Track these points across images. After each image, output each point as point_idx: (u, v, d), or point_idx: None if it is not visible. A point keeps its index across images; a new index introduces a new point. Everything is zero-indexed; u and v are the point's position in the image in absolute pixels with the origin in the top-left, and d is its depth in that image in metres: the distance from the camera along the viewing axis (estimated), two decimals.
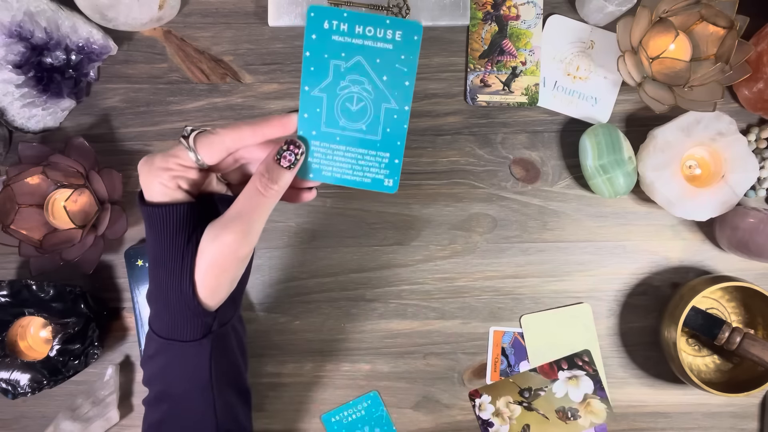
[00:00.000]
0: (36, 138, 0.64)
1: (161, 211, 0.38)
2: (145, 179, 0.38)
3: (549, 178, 0.65)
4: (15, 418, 0.66)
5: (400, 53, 0.38)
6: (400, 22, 0.37)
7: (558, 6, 0.65)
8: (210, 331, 0.41)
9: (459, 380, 0.66)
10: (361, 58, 0.38)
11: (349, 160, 0.41)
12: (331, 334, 0.66)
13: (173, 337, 0.40)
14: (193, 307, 0.39)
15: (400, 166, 0.41)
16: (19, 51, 0.57)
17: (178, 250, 0.38)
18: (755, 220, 0.58)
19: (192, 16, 0.65)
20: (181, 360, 0.41)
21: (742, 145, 0.61)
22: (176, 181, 0.38)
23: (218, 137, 0.38)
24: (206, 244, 0.38)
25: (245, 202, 0.38)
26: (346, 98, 0.39)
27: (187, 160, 0.38)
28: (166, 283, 0.39)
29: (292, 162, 0.39)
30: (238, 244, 0.38)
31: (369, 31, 0.37)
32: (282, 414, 0.66)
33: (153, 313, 0.41)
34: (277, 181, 0.38)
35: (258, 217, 0.38)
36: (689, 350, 0.65)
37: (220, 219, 0.39)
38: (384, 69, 0.38)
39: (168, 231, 0.38)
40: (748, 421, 0.66)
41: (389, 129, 0.40)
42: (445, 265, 0.66)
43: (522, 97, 0.65)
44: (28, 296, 0.59)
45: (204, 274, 0.38)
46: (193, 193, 0.40)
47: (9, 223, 0.59)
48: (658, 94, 0.59)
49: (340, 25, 0.37)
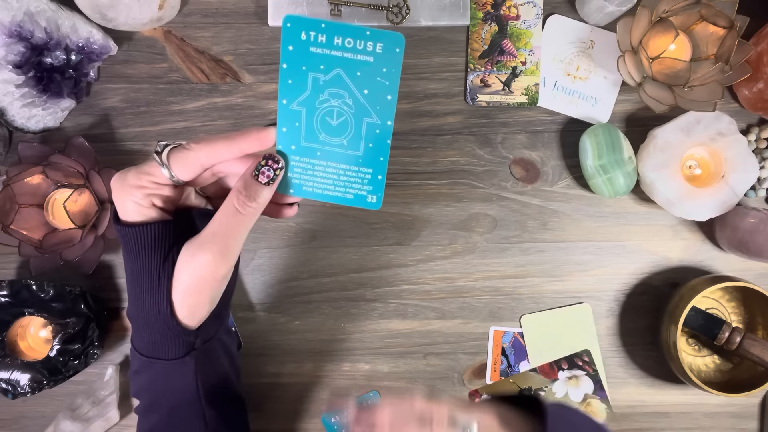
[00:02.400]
0: (36, 138, 0.64)
1: (135, 231, 0.36)
2: (119, 198, 0.37)
3: (549, 178, 0.65)
4: (15, 418, 0.66)
5: (381, 66, 0.36)
6: (380, 34, 0.36)
7: (558, 6, 0.65)
8: (193, 348, 0.40)
9: (459, 380, 0.66)
10: (340, 71, 0.37)
11: (331, 175, 0.39)
12: (331, 334, 0.66)
13: (155, 356, 0.39)
14: (173, 327, 0.37)
15: (384, 182, 0.39)
16: (19, 51, 0.57)
17: (154, 270, 0.37)
18: (755, 220, 0.58)
19: (192, 16, 0.65)
20: (165, 377, 0.40)
21: (742, 145, 0.61)
22: (150, 198, 0.36)
23: (192, 153, 0.36)
24: (183, 264, 0.37)
25: (222, 221, 0.37)
26: (326, 112, 0.38)
27: (161, 176, 0.36)
28: (144, 303, 0.37)
29: (270, 178, 0.37)
30: (215, 264, 0.36)
31: (348, 42, 0.36)
32: (282, 414, 0.66)
33: (134, 331, 0.40)
34: (255, 198, 0.37)
35: (236, 236, 0.37)
36: (689, 350, 0.65)
37: (197, 238, 0.37)
38: (365, 82, 0.37)
39: (143, 251, 0.37)
40: (748, 421, 0.66)
41: (371, 144, 0.38)
42: (445, 265, 0.66)
43: (522, 97, 0.65)
44: (28, 296, 0.59)
45: (182, 295, 0.37)
46: (169, 210, 0.38)
47: (9, 223, 0.59)
48: (658, 94, 0.59)
49: (318, 36, 0.36)
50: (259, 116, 0.65)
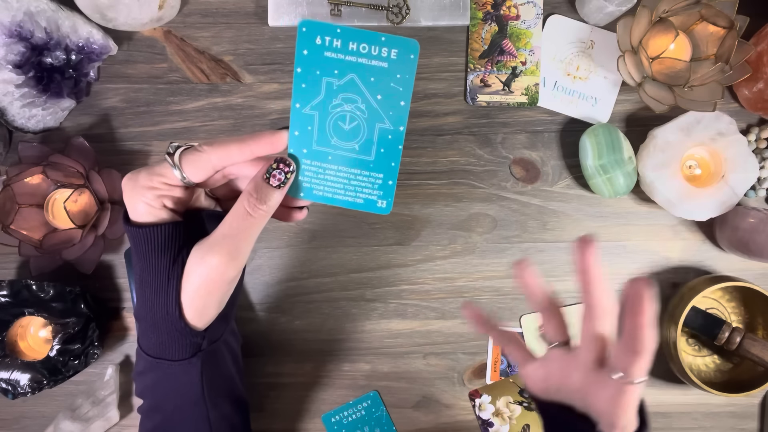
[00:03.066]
0: (36, 138, 0.64)
1: (146, 232, 0.36)
2: (130, 198, 0.37)
3: (549, 178, 0.65)
4: (15, 418, 0.66)
5: (395, 72, 0.36)
6: (396, 40, 0.36)
7: (558, 6, 0.65)
8: (200, 350, 0.40)
9: (459, 380, 0.66)
10: (354, 76, 0.37)
11: (342, 179, 0.39)
12: (331, 334, 0.66)
13: (162, 356, 0.39)
14: (180, 328, 0.38)
15: (394, 188, 0.39)
16: (19, 51, 0.57)
17: (163, 271, 0.37)
18: (755, 220, 0.58)
19: (192, 16, 0.65)
20: (171, 378, 0.40)
21: (742, 145, 0.61)
22: (161, 200, 0.37)
23: (204, 155, 0.36)
24: (192, 266, 0.37)
25: (232, 223, 0.37)
26: (339, 117, 0.38)
27: (173, 178, 0.36)
28: (152, 304, 0.37)
29: (281, 181, 0.37)
30: (224, 266, 0.36)
31: (363, 48, 0.36)
32: (282, 414, 0.66)
33: (140, 332, 0.40)
34: (265, 201, 0.37)
35: (246, 239, 0.37)
36: (689, 350, 0.65)
37: (207, 240, 0.37)
38: (378, 88, 0.37)
39: (153, 252, 0.37)
40: (748, 421, 0.66)
41: (383, 149, 0.38)
42: (445, 265, 0.66)
43: (522, 97, 0.65)
44: (28, 296, 0.59)
45: (191, 297, 0.37)
46: (179, 211, 0.38)
47: (9, 223, 0.59)
48: (658, 94, 0.59)
49: (333, 41, 0.36)
50: (259, 116, 0.65)
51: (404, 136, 0.38)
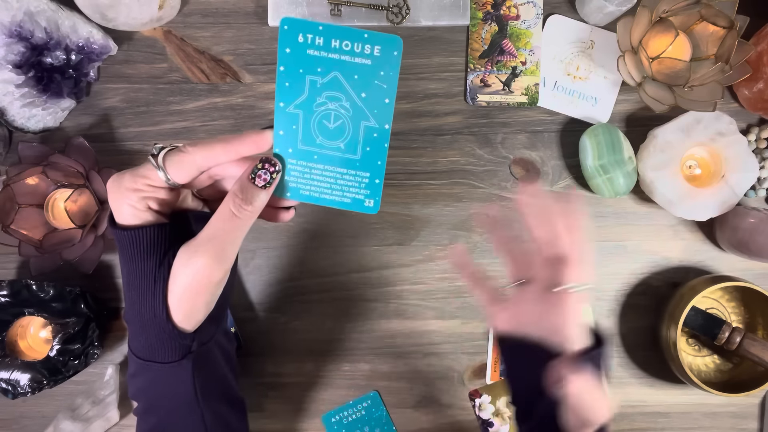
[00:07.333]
0: (36, 138, 0.64)
1: (131, 234, 0.36)
2: (114, 201, 0.36)
3: (549, 178, 0.65)
4: (15, 418, 0.66)
5: (379, 69, 0.36)
6: (378, 37, 0.35)
7: (558, 6, 0.65)
8: (190, 352, 0.39)
9: (459, 380, 0.66)
10: (338, 74, 0.36)
11: (328, 179, 0.39)
12: (331, 334, 0.66)
13: (151, 359, 0.39)
14: (169, 330, 0.37)
15: (381, 186, 0.39)
16: (19, 51, 0.57)
17: (150, 274, 0.37)
18: (755, 220, 0.58)
19: (192, 16, 0.65)
20: (162, 380, 0.40)
21: (742, 145, 0.61)
22: (146, 202, 0.36)
23: (188, 156, 0.36)
24: (178, 268, 0.36)
25: (218, 224, 0.36)
26: (323, 115, 0.37)
27: (157, 179, 0.36)
28: (140, 306, 0.37)
29: (267, 181, 0.37)
30: (210, 268, 0.36)
31: (346, 45, 0.35)
32: (282, 414, 0.66)
33: (131, 334, 0.40)
34: (251, 201, 0.36)
35: (232, 240, 0.37)
36: (689, 350, 0.65)
37: (193, 241, 0.37)
38: (362, 85, 0.36)
39: (139, 254, 0.36)
40: (748, 421, 0.66)
41: (369, 148, 0.38)
42: (445, 265, 0.65)
43: (522, 97, 0.65)
44: (28, 296, 0.59)
45: (178, 299, 0.37)
46: (165, 213, 0.38)
47: (9, 223, 0.59)
48: (658, 94, 0.59)
49: (315, 38, 0.35)
50: (259, 116, 0.65)
51: (390, 134, 0.38)
